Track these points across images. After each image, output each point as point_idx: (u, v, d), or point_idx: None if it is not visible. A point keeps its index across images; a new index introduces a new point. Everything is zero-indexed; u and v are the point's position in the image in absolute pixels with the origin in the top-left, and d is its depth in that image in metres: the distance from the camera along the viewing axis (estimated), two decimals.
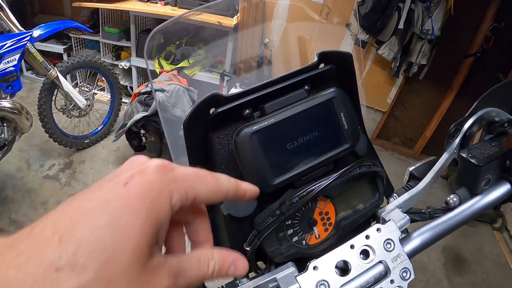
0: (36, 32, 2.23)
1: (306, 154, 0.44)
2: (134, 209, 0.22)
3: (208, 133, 0.45)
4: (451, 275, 2.24)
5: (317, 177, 0.45)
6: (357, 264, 0.43)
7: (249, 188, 0.33)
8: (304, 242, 0.46)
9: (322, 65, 0.51)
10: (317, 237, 0.47)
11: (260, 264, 0.48)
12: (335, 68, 0.50)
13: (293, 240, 0.45)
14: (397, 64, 2.68)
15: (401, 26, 2.40)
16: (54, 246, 0.21)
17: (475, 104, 0.60)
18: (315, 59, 0.50)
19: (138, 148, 2.69)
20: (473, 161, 0.49)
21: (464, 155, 0.50)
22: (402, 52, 2.62)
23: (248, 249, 0.44)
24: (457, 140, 0.58)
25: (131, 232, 0.22)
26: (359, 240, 0.44)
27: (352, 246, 0.44)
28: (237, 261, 0.30)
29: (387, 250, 0.45)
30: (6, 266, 0.21)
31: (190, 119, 0.43)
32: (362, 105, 0.59)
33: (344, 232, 0.48)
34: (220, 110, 0.44)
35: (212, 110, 0.45)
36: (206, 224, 0.32)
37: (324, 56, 0.50)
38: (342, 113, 0.45)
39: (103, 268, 0.21)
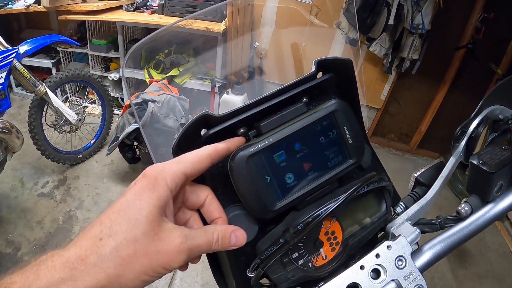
0: (23, 48, 2.20)
1: (308, 174, 0.41)
2: (141, 193, 0.33)
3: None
4: (455, 268, 2.23)
5: (321, 196, 0.43)
6: (368, 286, 0.41)
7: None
8: (310, 264, 0.43)
9: (320, 74, 0.48)
10: (324, 258, 0.44)
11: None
12: (335, 77, 0.47)
13: (299, 263, 0.42)
14: (389, 60, 2.67)
15: (391, 22, 2.39)
16: (97, 227, 0.32)
17: (480, 104, 0.58)
18: (312, 67, 0.46)
19: (132, 160, 2.66)
20: (484, 168, 0.46)
21: (474, 162, 0.48)
22: (393, 48, 2.62)
23: (252, 275, 0.41)
24: (463, 142, 0.56)
25: (142, 207, 0.33)
26: (369, 260, 0.42)
27: (362, 267, 0.41)
28: (236, 231, 0.38)
29: (399, 268, 0.42)
30: (68, 248, 0.32)
31: (180, 143, 0.40)
32: (362, 105, 0.56)
33: (352, 251, 0.45)
34: (212, 131, 0.41)
35: (203, 132, 0.42)
36: (214, 204, 0.40)
37: (322, 64, 0.47)
38: (345, 127, 0.42)
39: (130, 231, 0.32)
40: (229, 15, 2.65)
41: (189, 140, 0.40)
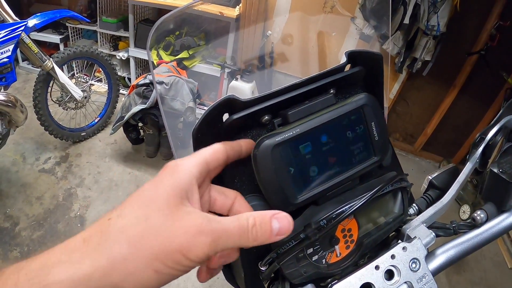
0: (31, 22, 2.17)
1: (332, 168, 0.40)
2: (160, 180, 0.30)
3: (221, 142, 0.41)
4: (450, 274, 2.24)
5: (341, 192, 0.42)
6: (382, 286, 0.40)
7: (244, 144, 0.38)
8: (324, 261, 0.42)
9: (348, 66, 0.47)
10: (338, 255, 0.43)
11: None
12: (364, 70, 0.46)
13: (313, 259, 0.42)
14: (401, 60, 2.65)
15: (406, 21, 2.36)
16: (109, 212, 0.29)
17: (500, 112, 0.57)
18: (343, 59, 0.45)
19: (136, 141, 2.65)
20: (504, 177, 0.46)
21: (495, 170, 0.47)
22: (407, 47, 2.59)
23: (264, 269, 0.40)
24: (480, 149, 0.55)
25: (159, 190, 0.29)
26: (384, 260, 0.41)
27: (377, 267, 0.41)
28: (278, 215, 0.31)
29: (412, 270, 0.42)
30: (83, 232, 0.29)
31: (201, 126, 0.38)
32: (385, 107, 0.55)
33: (366, 250, 0.45)
34: (236, 116, 0.39)
35: (226, 116, 0.40)
36: (244, 207, 0.37)
37: (352, 56, 0.45)
38: (373, 123, 0.40)
39: (141, 210, 0.28)
40: (244, 1, 2.62)
41: (210, 124, 0.39)
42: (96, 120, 2.88)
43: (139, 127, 2.60)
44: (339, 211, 0.37)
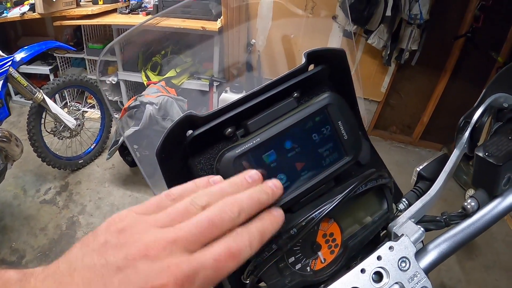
0: (19, 56, 2.19)
1: (301, 174, 0.38)
2: None
3: (188, 159, 0.40)
4: (462, 260, 2.21)
5: (317, 197, 0.40)
6: None
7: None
8: (308, 268, 0.41)
9: (311, 66, 0.45)
10: (323, 261, 0.42)
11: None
12: (327, 68, 0.45)
13: (296, 268, 0.40)
14: (388, 52, 2.64)
15: (388, 13, 2.36)
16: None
17: (482, 92, 0.55)
18: (303, 59, 0.44)
19: (133, 163, 2.64)
20: (491, 160, 0.44)
21: (480, 154, 0.45)
22: (392, 39, 2.58)
23: (247, 282, 0.39)
24: (467, 133, 0.53)
25: None
26: (370, 263, 0.39)
27: (363, 271, 0.39)
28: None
29: (402, 270, 0.40)
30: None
31: (164, 146, 0.37)
32: (359, 97, 0.53)
33: (353, 252, 0.43)
34: (196, 133, 0.38)
35: (189, 133, 0.40)
36: None
37: (313, 56, 0.44)
38: (339, 122, 0.39)
39: None
40: (224, 13, 2.63)
41: (174, 142, 0.38)
42: (92, 147, 2.88)
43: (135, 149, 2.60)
44: (309, 217, 0.36)
